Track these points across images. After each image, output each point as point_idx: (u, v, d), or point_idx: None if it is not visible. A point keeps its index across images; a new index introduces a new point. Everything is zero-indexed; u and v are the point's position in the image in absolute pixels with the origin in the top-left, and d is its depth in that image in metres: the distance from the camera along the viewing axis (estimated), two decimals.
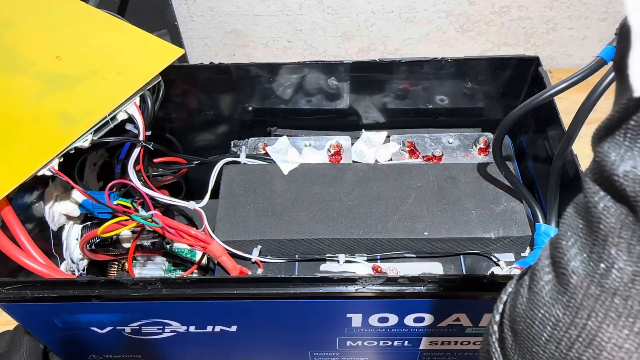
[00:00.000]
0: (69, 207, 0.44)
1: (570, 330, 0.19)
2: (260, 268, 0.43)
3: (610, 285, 0.17)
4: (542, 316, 0.20)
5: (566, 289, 0.19)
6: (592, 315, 0.18)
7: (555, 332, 0.19)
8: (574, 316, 0.19)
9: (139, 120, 0.41)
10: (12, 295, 0.36)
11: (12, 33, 0.45)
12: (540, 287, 0.20)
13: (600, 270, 0.18)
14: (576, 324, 0.18)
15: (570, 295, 0.19)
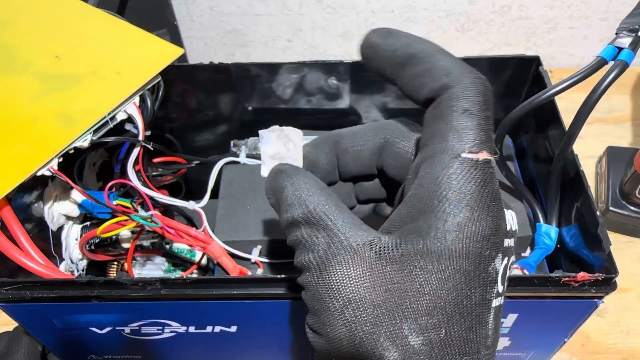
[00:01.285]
0: (68, 207, 0.44)
1: None
2: (260, 268, 0.43)
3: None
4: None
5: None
6: None
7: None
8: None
9: (139, 120, 0.41)
10: (12, 296, 0.36)
11: (11, 33, 0.45)
12: None
13: None
14: None
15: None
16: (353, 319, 0.21)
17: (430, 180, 0.22)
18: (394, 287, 0.21)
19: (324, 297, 0.22)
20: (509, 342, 0.41)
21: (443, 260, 0.20)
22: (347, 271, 0.21)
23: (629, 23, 0.38)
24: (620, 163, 0.59)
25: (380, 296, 0.21)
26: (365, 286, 0.21)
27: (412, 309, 0.20)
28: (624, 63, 0.36)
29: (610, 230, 0.58)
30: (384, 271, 0.21)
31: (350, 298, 0.21)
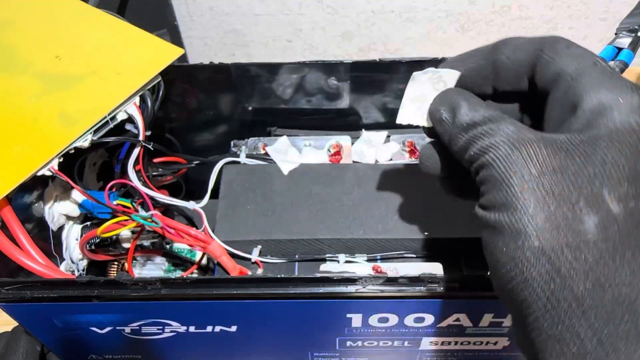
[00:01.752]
0: (68, 207, 0.44)
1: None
2: (260, 268, 0.43)
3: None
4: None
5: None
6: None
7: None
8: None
9: (139, 120, 0.41)
10: (12, 295, 0.36)
11: (12, 33, 0.45)
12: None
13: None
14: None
15: None
16: (549, 186, 0.21)
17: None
18: (585, 161, 0.20)
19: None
20: (508, 342, 0.42)
21: (620, 136, 0.21)
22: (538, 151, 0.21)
23: (628, 23, 0.38)
24: None
25: (575, 166, 0.21)
26: (554, 162, 0.21)
27: (608, 176, 0.20)
28: (623, 63, 0.36)
29: None
30: (568, 151, 0.21)
31: (543, 170, 0.21)
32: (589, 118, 0.22)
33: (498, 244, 0.21)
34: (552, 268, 0.20)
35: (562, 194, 0.20)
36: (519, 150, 0.21)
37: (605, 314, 0.19)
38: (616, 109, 0.21)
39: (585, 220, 0.20)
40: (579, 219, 0.20)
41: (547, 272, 0.20)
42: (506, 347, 0.42)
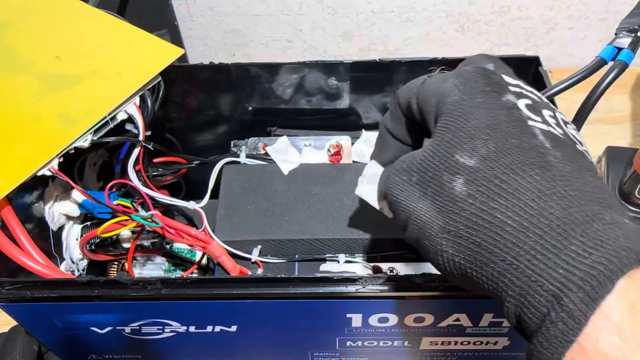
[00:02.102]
0: (68, 207, 0.44)
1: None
2: (260, 268, 0.43)
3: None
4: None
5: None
6: None
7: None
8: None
9: (139, 120, 0.41)
10: (12, 295, 0.36)
11: (12, 33, 0.45)
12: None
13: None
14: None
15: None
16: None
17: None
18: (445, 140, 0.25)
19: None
20: (508, 342, 0.42)
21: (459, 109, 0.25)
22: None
23: (628, 23, 0.38)
24: (620, 163, 0.59)
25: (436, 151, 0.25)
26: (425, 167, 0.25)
27: (458, 144, 0.24)
28: (623, 63, 0.36)
29: None
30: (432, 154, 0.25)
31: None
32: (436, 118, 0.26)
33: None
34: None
35: (431, 182, 0.25)
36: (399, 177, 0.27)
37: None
38: (448, 96, 0.26)
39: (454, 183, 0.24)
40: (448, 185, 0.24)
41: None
42: (506, 347, 0.42)
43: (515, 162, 0.23)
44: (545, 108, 0.26)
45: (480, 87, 0.26)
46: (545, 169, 0.23)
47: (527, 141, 0.24)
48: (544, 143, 0.24)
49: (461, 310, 0.38)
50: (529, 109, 0.25)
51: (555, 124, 0.25)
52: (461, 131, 0.24)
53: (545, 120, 0.25)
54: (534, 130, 0.24)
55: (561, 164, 0.23)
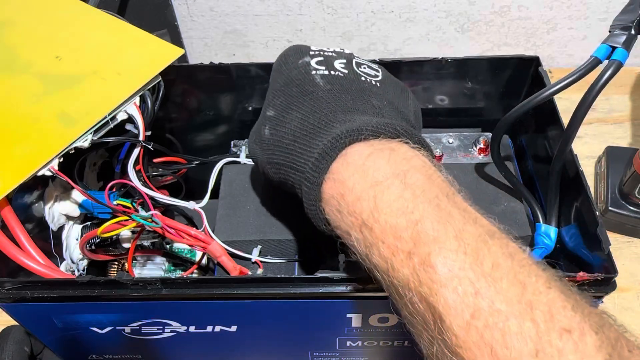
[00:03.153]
0: (68, 207, 0.44)
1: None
2: (260, 268, 0.43)
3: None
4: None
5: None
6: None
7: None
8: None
9: (139, 120, 0.41)
10: (12, 295, 0.36)
11: (12, 33, 0.45)
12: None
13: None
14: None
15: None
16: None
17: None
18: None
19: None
20: None
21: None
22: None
23: (622, 20, 0.37)
24: (620, 163, 0.59)
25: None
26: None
27: (268, 104, 0.36)
28: (617, 63, 0.36)
29: (609, 230, 0.58)
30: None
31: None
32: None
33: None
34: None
35: (255, 134, 0.38)
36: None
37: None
38: (273, 71, 0.40)
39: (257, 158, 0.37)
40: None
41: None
42: None
43: (292, 103, 0.34)
44: (340, 59, 0.37)
45: (289, 57, 0.38)
46: (307, 99, 0.34)
47: (304, 85, 0.35)
48: (318, 83, 0.35)
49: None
50: (318, 63, 0.37)
51: (343, 67, 0.36)
52: (269, 95, 0.37)
53: (332, 67, 0.36)
54: (313, 77, 0.35)
55: (322, 92, 0.34)
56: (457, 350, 0.23)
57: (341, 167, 0.30)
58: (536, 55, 0.48)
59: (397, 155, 0.29)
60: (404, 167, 0.28)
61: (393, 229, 0.26)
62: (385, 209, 0.27)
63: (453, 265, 0.24)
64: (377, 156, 0.29)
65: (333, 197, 0.30)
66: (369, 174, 0.28)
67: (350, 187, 0.29)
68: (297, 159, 0.32)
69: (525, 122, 0.50)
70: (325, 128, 0.32)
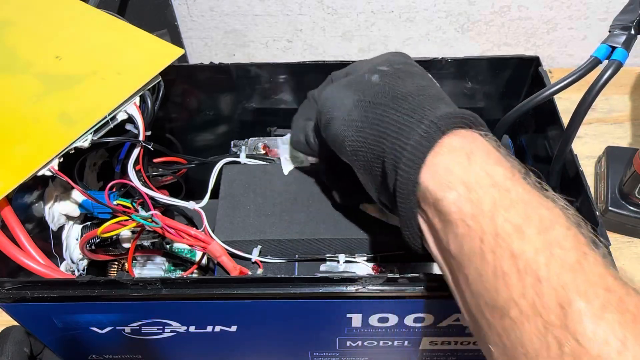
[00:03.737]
0: (68, 207, 0.44)
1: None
2: (260, 268, 0.43)
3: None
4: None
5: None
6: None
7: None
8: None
9: (139, 120, 0.41)
10: (12, 295, 0.36)
11: (12, 33, 0.45)
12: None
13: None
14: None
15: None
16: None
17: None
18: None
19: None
20: None
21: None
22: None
23: (621, 20, 0.37)
24: (620, 163, 0.59)
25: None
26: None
27: (378, 63, 0.37)
28: (617, 63, 0.36)
29: (609, 230, 0.58)
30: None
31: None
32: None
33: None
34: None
35: (356, 80, 0.37)
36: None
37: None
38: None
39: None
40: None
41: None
42: None
43: (404, 73, 0.35)
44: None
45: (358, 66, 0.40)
46: (422, 79, 0.35)
47: (410, 67, 0.36)
48: (422, 71, 0.37)
49: (461, 310, 0.38)
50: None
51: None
52: (366, 63, 0.38)
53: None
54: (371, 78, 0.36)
55: (425, 81, 0.35)
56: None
57: (443, 149, 0.30)
58: (536, 55, 0.48)
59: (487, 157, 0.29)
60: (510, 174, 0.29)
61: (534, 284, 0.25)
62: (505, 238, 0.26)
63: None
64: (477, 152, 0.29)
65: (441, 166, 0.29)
66: (485, 173, 0.28)
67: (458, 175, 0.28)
68: (395, 130, 0.32)
69: (525, 122, 0.50)
70: (428, 108, 0.32)
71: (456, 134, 0.30)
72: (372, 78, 0.35)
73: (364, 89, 0.35)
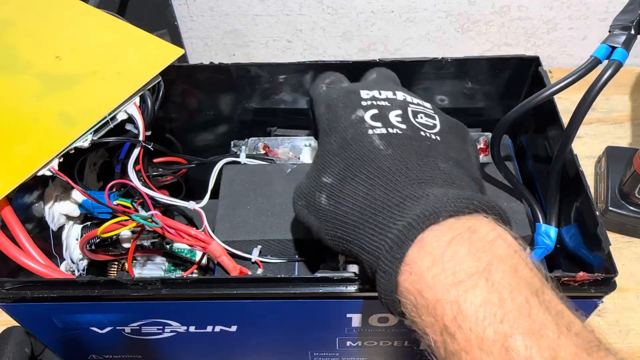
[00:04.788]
0: (68, 207, 0.44)
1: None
2: (260, 268, 0.43)
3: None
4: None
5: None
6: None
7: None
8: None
9: (139, 120, 0.41)
10: (12, 295, 0.36)
11: (12, 33, 0.45)
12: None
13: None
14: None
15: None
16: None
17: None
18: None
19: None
20: None
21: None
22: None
23: (621, 20, 0.37)
24: (620, 163, 0.59)
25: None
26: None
27: (322, 168, 0.33)
28: (617, 63, 0.36)
29: (609, 230, 0.58)
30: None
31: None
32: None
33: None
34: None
35: (310, 201, 0.33)
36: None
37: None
38: (319, 123, 0.36)
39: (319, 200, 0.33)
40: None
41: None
42: None
43: (352, 172, 0.31)
44: (395, 109, 0.33)
45: (339, 110, 0.34)
46: (369, 168, 0.30)
47: (362, 150, 0.31)
48: (378, 146, 0.31)
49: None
50: (373, 119, 0.33)
51: (400, 122, 0.33)
52: (323, 157, 0.33)
53: (389, 124, 0.32)
54: (372, 139, 0.31)
55: (385, 159, 0.30)
56: None
57: (417, 257, 0.27)
58: (536, 55, 0.48)
59: (478, 241, 0.26)
60: (487, 258, 0.26)
61: (479, 340, 0.24)
62: (471, 315, 0.24)
63: None
64: (457, 243, 0.26)
65: (409, 291, 0.27)
66: (449, 268, 0.25)
67: (429, 283, 0.26)
68: (368, 240, 0.29)
69: (525, 122, 0.50)
70: (397, 207, 0.28)
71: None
72: (320, 201, 0.32)
73: (319, 215, 0.33)
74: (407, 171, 0.30)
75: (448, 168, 0.31)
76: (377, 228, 0.28)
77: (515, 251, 0.26)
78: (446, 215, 0.27)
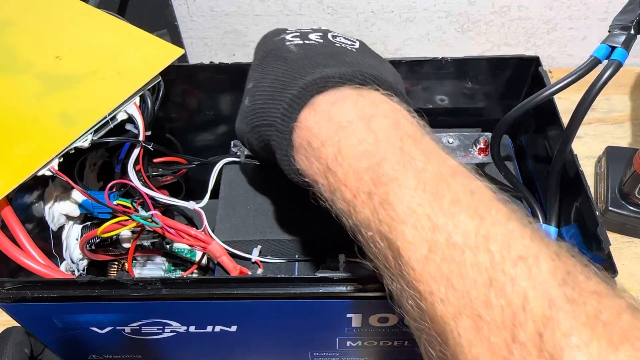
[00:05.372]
0: (68, 207, 0.44)
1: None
2: (260, 268, 0.43)
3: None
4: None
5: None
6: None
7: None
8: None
9: (139, 120, 0.41)
10: (12, 295, 0.36)
11: (12, 33, 0.45)
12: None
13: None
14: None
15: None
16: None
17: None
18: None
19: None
20: None
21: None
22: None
23: (621, 20, 0.37)
24: (620, 163, 0.59)
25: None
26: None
27: (249, 78, 0.37)
28: (617, 63, 0.36)
29: (609, 230, 0.58)
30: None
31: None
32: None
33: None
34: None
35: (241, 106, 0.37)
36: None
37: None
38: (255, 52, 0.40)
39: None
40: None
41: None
42: None
43: (267, 70, 0.34)
44: (316, 32, 0.37)
45: (267, 36, 0.38)
46: (280, 62, 0.34)
47: (279, 52, 0.35)
48: (292, 49, 0.35)
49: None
50: (293, 36, 0.37)
51: (318, 38, 0.36)
52: (249, 72, 0.37)
53: (307, 38, 0.36)
54: (288, 46, 0.35)
55: (296, 55, 0.34)
56: (415, 283, 0.24)
57: (309, 115, 0.30)
58: (536, 55, 0.48)
59: (364, 101, 0.29)
60: (370, 112, 0.28)
61: (355, 172, 0.27)
62: (349, 153, 0.27)
63: (411, 202, 0.25)
64: (344, 102, 0.29)
65: (302, 145, 0.30)
66: (334, 119, 0.29)
67: (316, 133, 0.29)
68: (270, 114, 0.32)
69: (525, 122, 0.50)
70: (294, 81, 0.32)
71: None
72: (244, 102, 0.36)
73: (242, 116, 0.36)
74: (312, 60, 0.33)
75: (353, 62, 0.33)
76: (276, 101, 0.32)
77: (401, 110, 0.29)
78: (336, 81, 0.30)
